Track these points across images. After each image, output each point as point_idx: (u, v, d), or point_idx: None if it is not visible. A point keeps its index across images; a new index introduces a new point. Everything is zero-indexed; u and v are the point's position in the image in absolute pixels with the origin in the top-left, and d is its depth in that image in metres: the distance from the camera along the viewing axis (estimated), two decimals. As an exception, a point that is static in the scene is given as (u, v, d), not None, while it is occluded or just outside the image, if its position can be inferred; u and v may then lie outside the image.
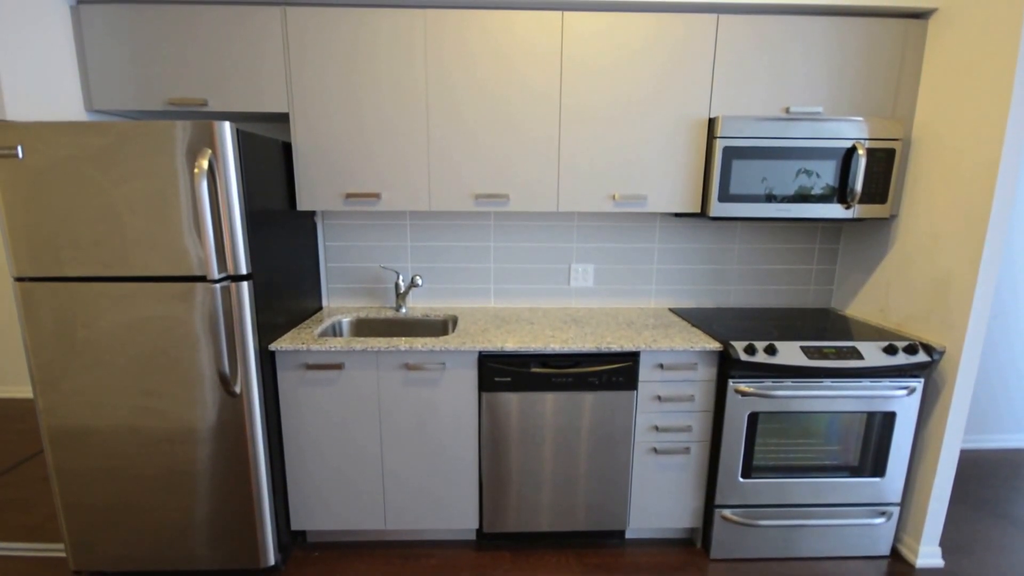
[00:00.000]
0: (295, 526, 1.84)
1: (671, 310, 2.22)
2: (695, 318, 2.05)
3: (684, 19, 1.77)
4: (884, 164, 1.82)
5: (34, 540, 1.95)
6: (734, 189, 1.82)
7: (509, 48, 1.77)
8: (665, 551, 1.90)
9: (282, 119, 1.98)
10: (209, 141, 1.43)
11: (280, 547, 1.77)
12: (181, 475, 1.64)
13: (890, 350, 1.69)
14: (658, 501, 1.86)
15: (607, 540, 1.95)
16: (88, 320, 1.52)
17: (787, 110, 1.83)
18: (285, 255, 1.85)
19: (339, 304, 2.26)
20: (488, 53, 1.78)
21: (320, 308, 2.22)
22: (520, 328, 1.91)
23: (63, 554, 1.86)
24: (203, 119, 1.95)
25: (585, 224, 2.22)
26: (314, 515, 1.84)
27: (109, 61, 1.75)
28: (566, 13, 1.76)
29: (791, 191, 1.82)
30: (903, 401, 1.73)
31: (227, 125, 1.44)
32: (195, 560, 1.71)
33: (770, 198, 1.83)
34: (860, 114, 1.84)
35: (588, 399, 1.77)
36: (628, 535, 1.96)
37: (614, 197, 1.89)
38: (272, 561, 1.72)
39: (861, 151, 1.77)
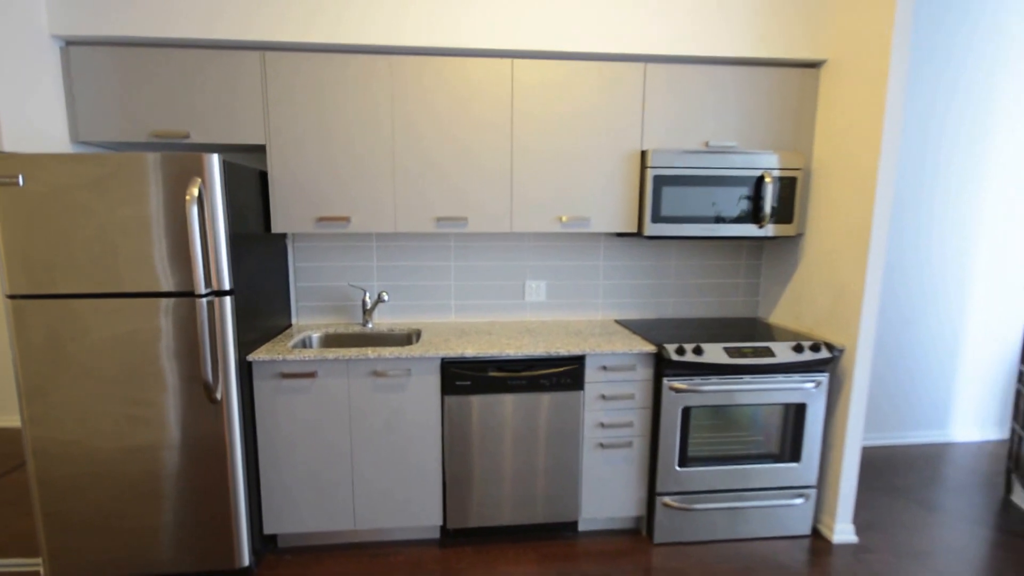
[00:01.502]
0: (268, 530, 2.02)
1: (616, 321, 2.55)
2: (637, 327, 2.38)
3: (618, 66, 2.15)
4: (789, 190, 2.22)
5: (6, 556, 2.05)
6: (665, 212, 2.18)
7: (466, 89, 2.10)
8: (614, 539, 2.17)
9: (257, 149, 2.24)
10: (199, 171, 1.69)
11: (253, 549, 1.95)
12: (161, 480, 1.82)
13: (798, 348, 2.04)
14: (606, 492, 2.14)
15: (562, 532, 2.21)
16: (77, 334, 1.72)
17: (707, 144, 2.22)
18: (260, 274, 2.08)
19: (307, 321, 2.49)
20: (447, 94, 2.10)
21: (289, 325, 2.44)
22: (479, 338, 2.19)
23: (39, 568, 1.98)
24: (185, 150, 2.22)
25: (538, 244, 2.54)
26: (286, 518, 2.03)
27: (96, 96, 1.99)
28: (515, 60, 2.11)
29: (713, 213, 2.20)
30: (812, 393, 2.09)
31: (215, 157, 1.70)
32: (171, 564, 1.87)
33: (696, 219, 2.19)
34: (768, 147, 2.25)
35: (541, 400, 2.05)
36: (581, 526, 2.23)
37: (561, 219, 2.22)
38: (247, 562, 1.90)
39: (769, 179, 2.17)
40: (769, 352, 2.04)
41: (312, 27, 2.00)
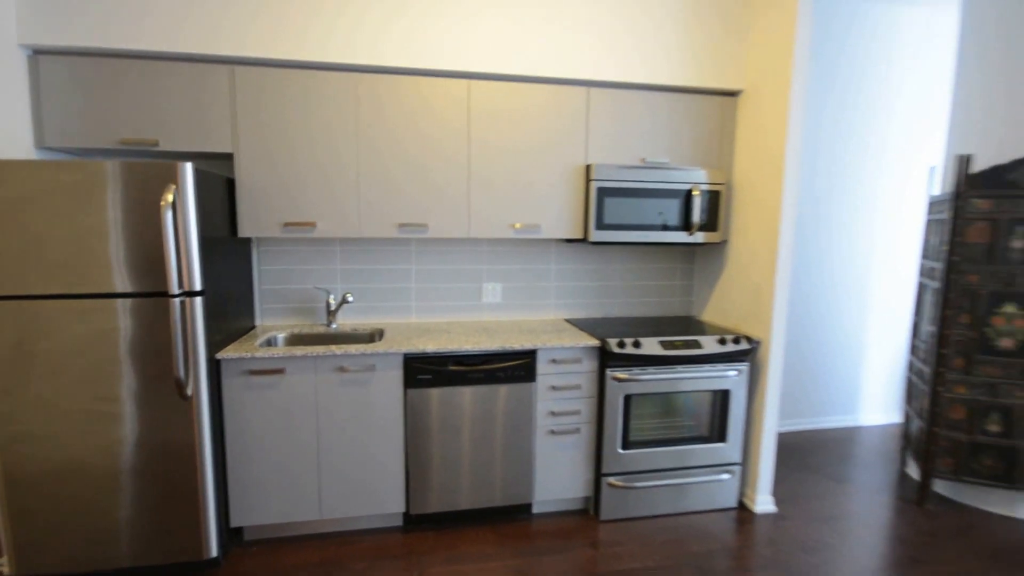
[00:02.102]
0: (235, 522, 2.11)
1: (566, 320, 2.79)
2: (585, 325, 2.63)
3: (564, 89, 2.40)
4: (714, 202, 2.53)
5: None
6: (607, 220, 2.44)
7: (426, 106, 2.30)
8: (565, 519, 2.39)
9: (223, 156, 2.34)
10: (173, 178, 1.80)
11: (220, 541, 2.03)
12: (130, 476, 1.89)
13: (722, 341, 2.34)
14: (557, 476, 2.35)
15: (517, 514, 2.40)
16: (49, 333, 1.78)
17: (643, 160, 2.51)
18: (226, 277, 2.19)
19: (271, 323, 2.59)
20: (409, 109, 2.29)
21: (254, 327, 2.54)
22: (439, 336, 2.36)
23: (2, 568, 1.99)
24: (154, 157, 2.30)
25: (493, 249, 2.75)
26: (253, 510, 2.12)
27: (63, 104, 2.06)
28: (472, 81, 2.33)
29: (650, 221, 2.48)
30: (734, 380, 2.39)
31: (189, 166, 1.82)
32: (140, 557, 1.93)
33: (635, 227, 2.47)
34: (696, 164, 2.56)
35: (497, 391, 2.25)
36: (535, 508, 2.43)
37: (515, 226, 2.44)
38: (214, 552, 1.99)
39: (697, 192, 2.47)
40: (698, 344, 2.33)
41: (276, 44, 2.15)
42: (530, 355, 2.26)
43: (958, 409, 2.45)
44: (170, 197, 1.80)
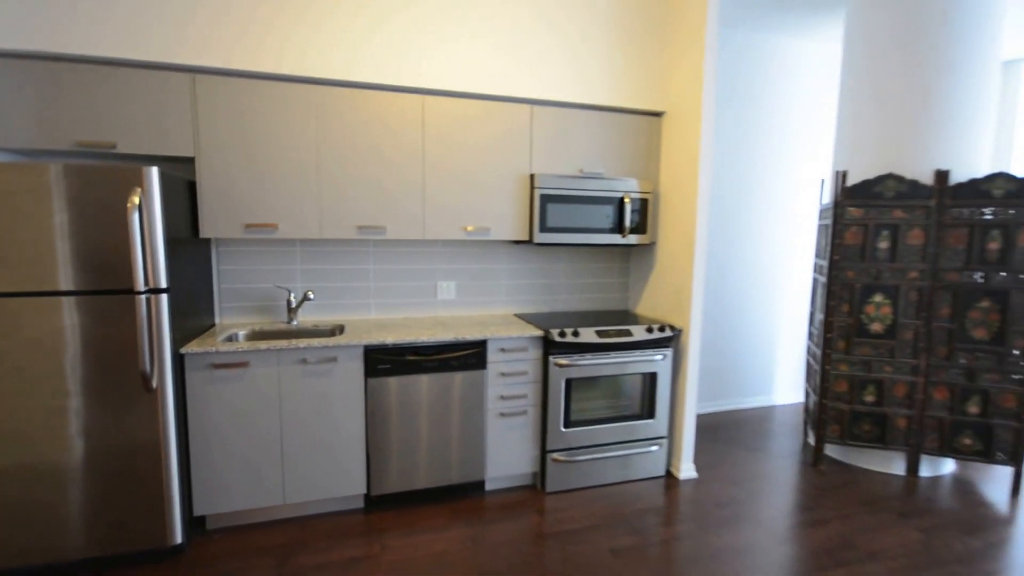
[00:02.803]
0: (198, 511, 2.20)
1: (516, 315, 3.05)
2: (532, 319, 2.89)
3: (510, 106, 2.66)
4: (644, 208, 2.87)
5: None
6: (550, 223, 2.72)
7: (387, 117, 2.49)
8: (514, 493, 2.63)
9: (184, 159, 2.41)
10: (139, 181, 1.89)
11: (185, 528, 2.11)
12: (95, 467, 1.95)
13: (649, 330, 2.67)
14: (507, 454, 2.59)
15: (471, 491, 2.62)
16: (11, 330, 1.82)
17: (581, 170, 2.81)
18: (187, 276, 2.27)
19: (231, 321, 2.67)
20: (367, 120, 2.47)
21: (213, 324, 2.61)
22: (397, 330, 2.55)
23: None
24: (113, 160, 2.35)
25: (448, 250, 2.97)
26: (217, 498, 2.22)
27: (13, 106, 2.08)
28: (426, 97, 2.54)
29: (588, 225, 2.78)
30: (660, 364, 2.73)
31: (155, 170, 1.92)
32: (106, 545, 1.99)
33: (575, 230, 2.76)
34: (628, 175, 2.90)
35: (451, 378, 2.46)
36: (488, 485, 2.66)
37: (467, 228, 2.67)
38: (179, 539, 2.07)
39: (628, 200, 2.80)
40: (628, 333, 2.65)
41: (234, 56, 2.27)
42: (481, 345, 2.49)
43: (842, 383, 2.92)
44: (136, 199, 1.89)
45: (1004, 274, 2.64)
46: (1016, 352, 2.66)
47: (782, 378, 4.06)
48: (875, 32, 2.84)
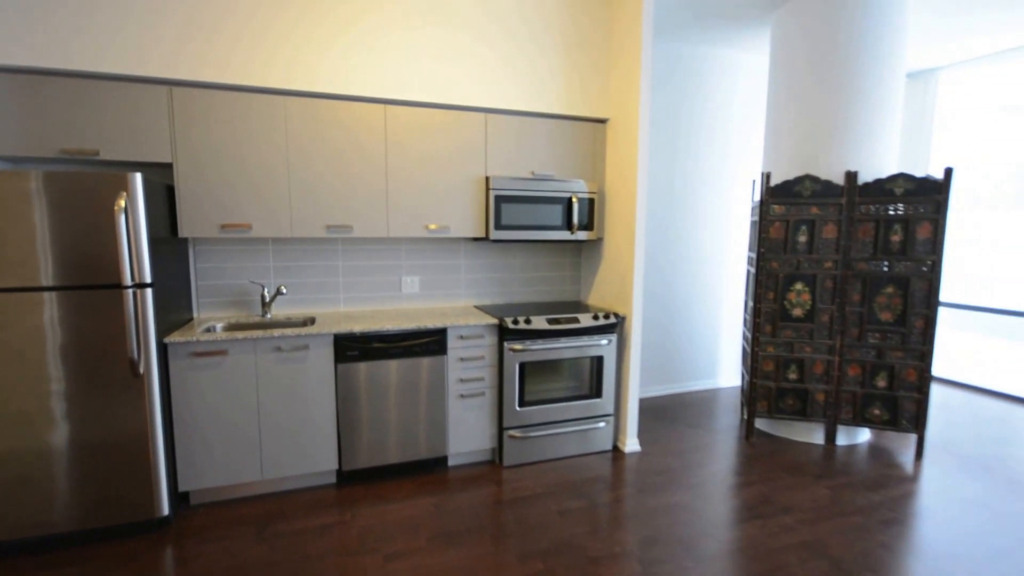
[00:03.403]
0: (182, 487, 2.43)
1: (475, 306, 3.33)
2: (490, 310, 3.17)
3: (466, 115, 2.94)
4: (591, 207, 3.18)
5: None
6: (504, 222, 3.00)
7: (349, 125, 2.75)
8: (475, 467, 2.92)
9: (163, 165, 2.62)
10: (125, 186, 2.12)
11: (171, 502, 2.34)
12: (88, 447, 2.17)
13: (595, 317, 2.98)
14: (467, 432, 2.88)
15: (435, 466, 2.90)
16: (10, 323, 2.02)
17: (533, 173, 3.10)
18: (168, 273, 2.49)
19: (208, 315, 2.90)
20: (333, 127, 2.72)
21: (192, 318, 2.83)
22: (365, 320, 2.81)
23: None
24: (96, 166, 2.55)
25: (411, 247, 3.23)
26: (200, 474, 2.45)
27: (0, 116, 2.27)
28: (388, 106, 2.80)
29: (539, 223, 3.07)
30: (606, 348, 3.04)
31: (139, 176, 2.14)
32: (100, 518, 2.22)
33: (527, 227, 3.05)
34: (576, 177, 3.20)
35: (414, 363, 2.73)
36: (450, 461, 2.94)
37: (428, 227, 2.94)
38: (166, 512, 2.30)
39: (576, 200, 3.11)
40: (576, 320, 2.95)
41: (207, 69, 2.50)
42: (441, 333, 2.77)
43: (769, 363, 3.28)
44: (123, 203, 2.12)
45: (905, 263, 3.02)
46: (917, 331, 3.05)
47: (725, 363, 4.43)
48: (793, 48, 3.21)
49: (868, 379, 3.15)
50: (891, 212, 3.02)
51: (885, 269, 3.06)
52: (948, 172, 2.92)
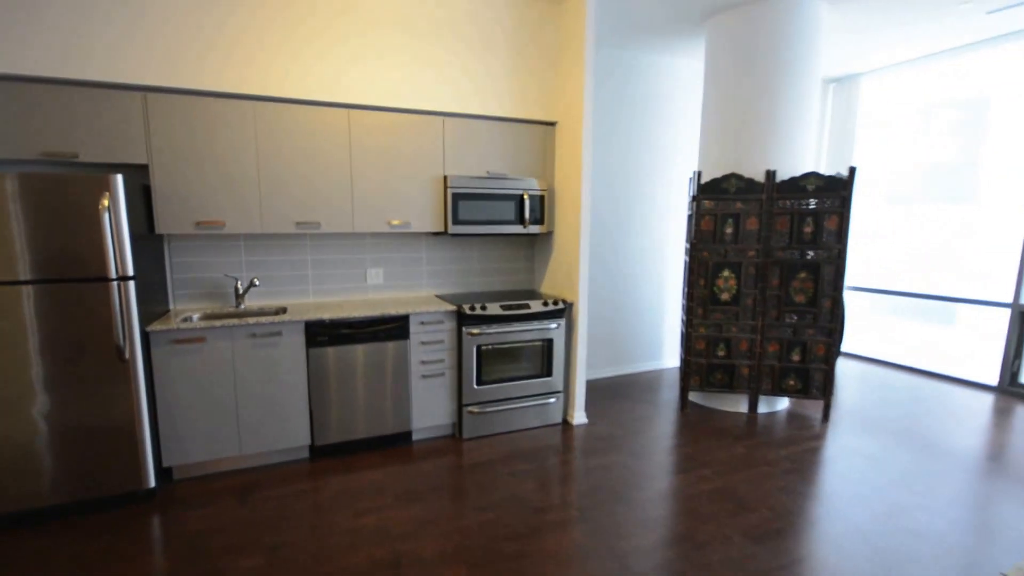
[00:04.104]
0: (166, 463, 2.70)
1: (436, 295, 3.67)
2: (450, 299, 3.51)
3: (425, 118, 3.25)
4: (541, 203, 3.55)
5: None
6: (461, 217, 3.34)
7: (317, 128, 3.02)
8: (437, 441, 3.28)
9: (139, 166, 2.84)
10: (108, 187, 2.36)
11: (156, 475, 2.61)
12: (80, 425, 2.43)
13: (545, 303, 3.37)
14: (430, 409, 3.23)
15: (401, 440, 3.25)
16: (6, 312, 2.25)
17: (487, 172, 3.45)
18: (146, 267, 2.73)
19: (184, 307, 3.14)
20: (303, 130, 3.00)
21: (168, 310, 3.07)
22: (333, 309, 3.11)
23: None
24: (76, 168, 2.77)
25: (375, 241, 3.54)
26: (181, 451, 2.73)
27: (-16, 122, 2.47)
28: (351, 110, 3.08)
29: (494, 218, 3.42)
30: (555, 332, 3.43)
31: (120, 177, 2.39)
32: (92, 489, 2.48)
33: (483, 222, 3.40)
34: (528, 175, 3.56)
35: (379, 347, 3.05)
36: (415, 436, 3.28)
37: (391, 222, 3.25)
38: (152, 484, 2.57)
39: (527, 196, 3.47)
40: (527, 306, 3.33)
41: (180, 76, 2.74)
42: (404, 319, 3.09)
43: (701, 343, 3.73)
44: (106, 202, 2.36)
45: (816, 251, 3.51)
46: (826, 311, 3.54)
47: (669, 345, 4.91)
48: (722, 57, 3.64)
49: (785, 354, 3.64)
50: (804, 206, 3.50)
51: (799, 257, 3.54)
52: (852, 171, 3.41)
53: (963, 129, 4.62)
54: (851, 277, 5.46)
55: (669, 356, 4.91)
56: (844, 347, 5.41)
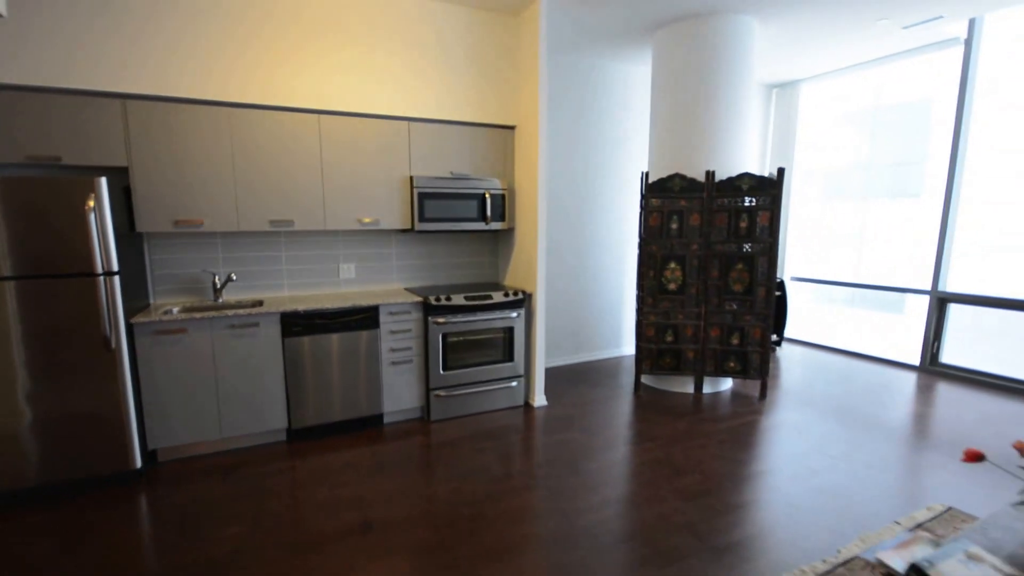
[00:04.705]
0: (151, 446, 2.93)
1: (406, 288, 3.96)
2: (418, 291, 3.81)
3: (391, 123, 3.54)
4: (503, 201, 3.87)
5: None
6: (427, 215, 3.63)
7: (290, 132, 3.28)
8: (406, 423, 3.58)
9: (120, 168, 3.04)
10: (93, 189, 2.58)
11: (142, 456, 2.84)
12: (71, 409, 2.64)
13: (505, 294, 3.69)
14: (399, 393, 3.52)
15: (373, 423, 3.54)
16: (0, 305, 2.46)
17: (451, 173, 3.75)
18: (128, 263, 2.95)
19: (163, 301, 3.36)
20: (276, 134, 3.25)
21: (149, 304, 3.28)
22: (307, 301, 3.37)
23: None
24: (59, 171, 2.96)
25: (347, 238, 3.80)
26: (165, 435, 2.97)
27: (-30, 127, 2.65)
28: (321, 116, 3.34)
29: (458, 215, 3.73)
30: (516, 320, 3.76)
31: (104, 180, 2.61)
32: (83, 470, 2.71)
33: (448, 219, 3.70)
34: (489, 175, 3.88)
35: (352, 336, 3.33)
36: (386, 419, 3.57)
37: (362, 220, 3.52)
38: (139, 464, 2.80)
39: (489, 195, 3.78)
40: (489, 297, 3.65)
41: (158, 84, 2.96)
42: (374, 310, 3.38)
43: (651, 330, 4.12)
44: (91, 203, 2.58)
45: (750, 244, 3.92)
46: (760, 299, 3.96)
47: (628, 334, 5.31)
48: (667, 66, 4.02)
49: (726, 338, 4.05)
50: (739, 204, 3.91)
51: (736, 250, 3.95)
52: (780, 171, 3.83)
53: (893, 129, 5.12)
54: (795, 268, 5.96)
55: (628, 344, 5.30)
56: (789, 334, 5.91)
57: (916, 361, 4.88)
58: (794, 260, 5.98)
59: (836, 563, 1.43)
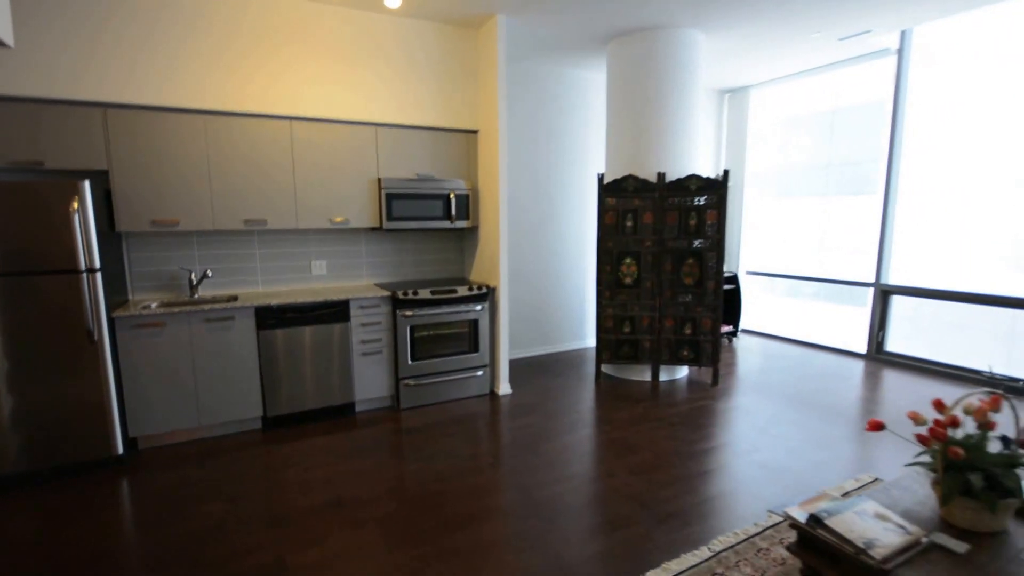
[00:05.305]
0: (132, 434, 3.14)
1: (375, 284, 4.22)
2: (387, 286, 4.07)
3: (359, 128, 3.81)
4: (467, 201, 4.16)
5: None
6: (395, 214, 3.90)
7: (262, 136, 3.52)
8: (377, 411, 3.84)
9: (100, 172, 3.25)
10: (77, 191, 2.80)
11: (124, 444, 3.05)
12: (55, 399, 2.85)
13: (470, 288, 3.98)
14: (370, 383, 3.78)
15: (346, 412, 3.79)
16: (-16, 301, 2.66)
17: (417, 174, 4.03)
18: (109, 261, 3.16)
19: (141, 297, 3.57)
20: (250, 139, 3.49)
21: (127, 300, 3.48)
22: (281, 296, 3.61)
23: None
24: (42, 175, 3.17)
25: (319, 236, 4.05)
26: (146, 423, 3.19)
27: (-44, 134, 2.85)
28: (293, 122, 3.60)
29: (424, 215, 4.00)
30: (480, 313, 4.05)
31: (87, 183, 2.83)
32: (67, 455, 2.92)
33: (415, 218, 3.97)
34: (454, 177, 4.17)
35: (323, 329, 3.58)
36: (357, 407, 3.83)
37: (333, 219, 3.78)
38: (120, 451, 3.01)
39: (453, 196, 4.07)
40: (454, 291, 3.94)
41: (137, 93, 3.19)
42: (345, 304, 3.63)
43: (609, 321, 4.45)
44: (76, 205, 2.80)
45: (700, 241, 4.27)
46: (710, 292, 4.31)
47: (590, 326, 5.64)
48: (620, 73, 4.36)
49: (679, 329, 4.40)
50: (688, 203, 4.26)
51: (686, 246, 4.30)
52: (726, 173, 4.19)
53: (845, 131, 5.55)
54: (749, 263, 6.37)
55: (591, 336, 5.64)
56: (748, 325, 6.30)
57: (864, 350, 5.30)
58: (749, 255, 6.38)
59: (765, 525, 1.74)
